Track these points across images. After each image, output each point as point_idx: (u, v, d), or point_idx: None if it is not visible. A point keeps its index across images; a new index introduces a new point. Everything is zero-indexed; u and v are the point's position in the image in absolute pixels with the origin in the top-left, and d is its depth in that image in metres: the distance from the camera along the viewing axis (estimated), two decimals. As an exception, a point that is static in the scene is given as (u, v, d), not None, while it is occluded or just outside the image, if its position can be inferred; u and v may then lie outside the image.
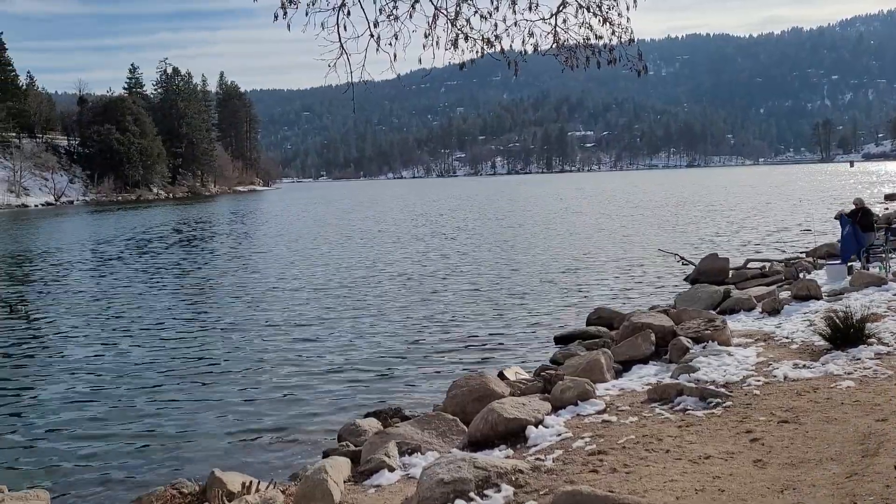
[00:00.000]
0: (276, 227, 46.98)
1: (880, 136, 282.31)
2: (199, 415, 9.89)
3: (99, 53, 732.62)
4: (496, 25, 5.81)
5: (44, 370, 12.49)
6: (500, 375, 9.66)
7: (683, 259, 21.12)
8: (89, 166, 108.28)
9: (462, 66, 5.90)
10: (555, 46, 5.95)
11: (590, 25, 5.81)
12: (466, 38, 5.84)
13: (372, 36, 5.61)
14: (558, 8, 5.80)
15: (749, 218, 39.04)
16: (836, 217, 17.92)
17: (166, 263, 27.64)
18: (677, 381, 7.97)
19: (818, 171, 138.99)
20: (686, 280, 18.61)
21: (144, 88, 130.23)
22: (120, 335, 15.01)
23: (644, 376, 8.97)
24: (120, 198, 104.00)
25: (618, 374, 9.32)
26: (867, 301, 11.59)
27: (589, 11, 5.76)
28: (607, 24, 5.77)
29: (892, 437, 5.77)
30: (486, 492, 5.32)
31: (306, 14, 5.36)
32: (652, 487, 5.28)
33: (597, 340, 11.95)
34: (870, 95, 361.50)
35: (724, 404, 7.15)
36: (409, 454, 6.87)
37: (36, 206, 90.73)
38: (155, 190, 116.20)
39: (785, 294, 13.45)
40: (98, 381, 11.70)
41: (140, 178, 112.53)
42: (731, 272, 18.01)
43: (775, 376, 8.03)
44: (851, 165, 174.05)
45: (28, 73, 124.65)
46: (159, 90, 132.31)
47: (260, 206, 79.16)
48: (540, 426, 7.05)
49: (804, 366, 8.33)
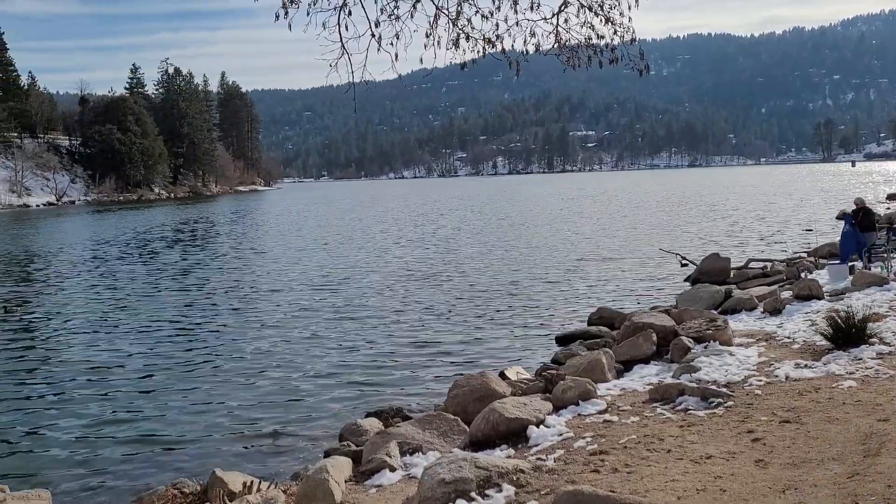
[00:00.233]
0: (277, 227, 47.00)
1: (882, 135, 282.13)
2: (201, 415, 9.90)
3: (99, 53, 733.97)
4: (497, 25, 5.81)
5: (45, 370, 12.50)
6: (502, 375, 9.66)
7: (685, 259, 21.09)
8: (91, 166, 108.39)
9: (463, 65, 5.89)
10: (556, 46, 5.95)
11: (591, 25, 5.81)
12: (468, 38, 5.83)
13: (373, 36, 5.61)
14: (560, 7, 5.80)
15: (751, 218, 39.02)
16: (839, 217, 17.91)
17: (167, 264, 27.66)
18: (679, 381, 7.96)
19: (820, 171, 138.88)
20: (687, 280, 18.59)
21: (146, 88, 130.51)
22: (121, 335, 15.03)
23: (645, 376, 8.97)
24: (121, 198, 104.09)
25: (619, 374, 9.32)
26: (869, 301, 11.58)
27: (591, 11, 5.76)
28: (609, 23, 5.77)
29: (894, 436, 5.76)
30: (487, 491, 5.32)
31: (307, 14, 5.36)
32: (653, 487, 5.27)
33: (598, 340, 11.96)
34: (871, 95, 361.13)
35: (725, 404, 7.14)
36: (411, 454, 6.87)
37: (37, 206, 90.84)
38: (156, 190, 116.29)
39: (786, 294, 13.44)
40: (99, 381, 11.71)
41: (141, 178, 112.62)
42: (733, 272, 17.99)
43: (777, 376, 8.02)
44: (853, 165, 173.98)
45: (30, 73, 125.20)
46: (161, 90, 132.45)
47: (261, 207, 79.20)
48: (541, 426, 7.04)
49: (806, 366, 8.32)
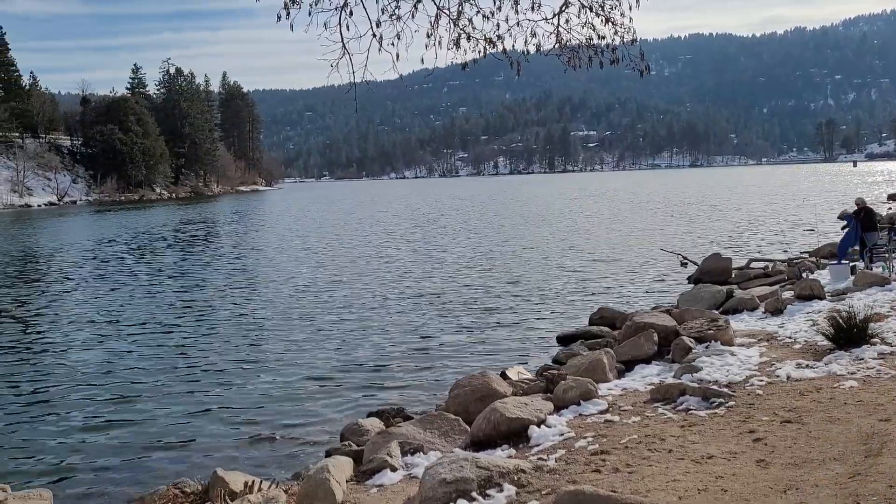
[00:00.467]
0: (278, 227, 47.03)
1: (883, 135, 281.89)
2: (202, 414, 9.91)
3: (100, 53, 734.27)
4: (498, 25, 5.80)
5: (46, 370, 12.51)
6: (503, 375, 9.66)
7: (686, 259, 21.07)
8: (92, 166, 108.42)
9: (464, 66, 5.89)
10: (557, 46, 5.95)
11: (592, 25, 5.81)
12: (469, 38, 5.83)
13: (374, 36, 5.61)
14: (561, 8, 5.80)
15: (752, 218, 38.99)
16: (840, 217, 17.91)
17: (168, 264, 27.68)
18: (680, 381, 7.96)
19: (821, 171, 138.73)
20: (689, 280, 18.59)
21: (147, 88, 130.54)
22: (122, 335, 15.04)
23: (647, 376, 8.97)
24: (123, 198, 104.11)
25: (620, 374, 9.32)
26: (870, 301, 11.58)
27: (591, 11, 5.76)
28: (610, 23, 5.77)
29: (896, 437, 5.76)
30: (488, 491, 5.32)
31: (309, 14, 5.37)
32: (654, 487, 5.28)
33: (599, 340, 11.96)
34: (873, 95, 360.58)
35: (726, 404, 7.14)
36: (412, 454, 6.88)
37: (39, 206, 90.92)
38: (158, 190, 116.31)
39: (788, 294, 13.43)
40: (100, 380, 11.72)
41: (143, 178, 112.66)
42: (734, 272, 17.99)
43: (778, 376, 8.02)
44: (854, 165, 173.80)
45: (31, 73, 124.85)
46: (162, 90, 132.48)
47: (262, 207, 79.22)
48: (542, 426, 7.04)
49: (807, 366, 8.32)
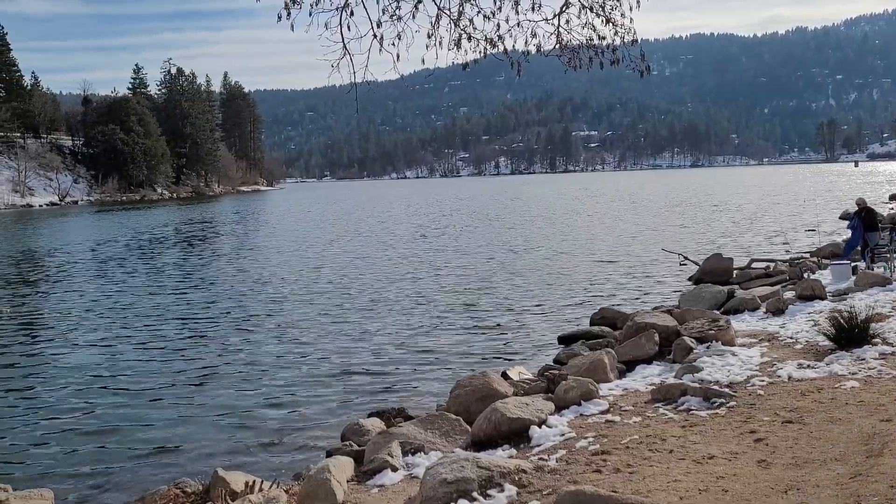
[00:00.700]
0: (279, 227, 47.05)
1: (885, 135, 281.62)
2: (203, 414, 9.91)
3: (101, 53, 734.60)
4: (499, 26, 5.80)
5: (47, 370, 12.52)
6: (504, 375, 9.67)
7: (687, 259, 21.06)
8: (93, 166, 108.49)
9: (465, 66, 5.89)
10: (558, 47, 5.94)
11: (593, 26, 5.81)
12: (469, 39, 5.83)
13: (375, 36, 5.61)
14: (561, 8, 5.80)
15: (753, 218, 38.96)
16: (842, 217, 17.91)
17: (170, 264, 27.70)
18: (681, 381, 7.96)
19: (822, 172, 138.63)
20: (690, 280, 18.58)
21: (148, 89, 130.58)
22: (123, 336, 15.05)
23: (648, 376, 8.96)
24: (124, 198, 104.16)
25: (621, 374, 9.31)
26: (872, 301, 11.58)
27: (592, 12, 5.76)
28: (610, 24, 5.76)
29: (897, 437, 5.76)
30: (489, 491, 5.32)
31: (309, 14, 5.36)
32: (655, 487, 5.27)
33: (600, 340, 11.95)
34: (874, 95, 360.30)
35: (727, 404, 7.13)
36: (413, 454, 6.88)
37: (40, 206, 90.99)
38: (159, 190, 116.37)
39: (789, 294, 13.43)
40: (101, 381, 11.73)
41: (144, 178, 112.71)
42: (736, 272, 17.99)
43: (779, 376, 8.02)
44: (856, 165, 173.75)
45: (33, 73, 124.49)
46: (163, 90, 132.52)
47: (264, 207, 79.24)
48: (543, 426, 7.04)
49: (808, 366, 8.31)
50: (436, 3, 5.61)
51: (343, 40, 5.60)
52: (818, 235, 25.00)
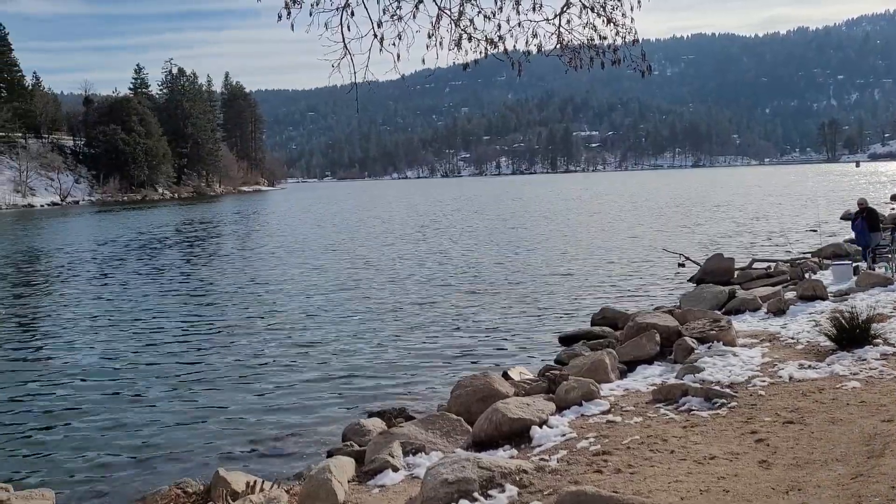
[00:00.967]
0: (280, 227, 47.06)
1: (886, 136, 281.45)
2: (204, 414, 9.92)
3: (103, 53, 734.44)
4: (499, 26, 5.79)
5: (48, 370, 12.53)
6: (505, 375, 9.66)
7: (687, 258, 21.03)
8: (95, 166, 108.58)
9: (466, 66, 5.89)
10: (559, 47, 5.94)
11: (594, 26, 5.80)
12: (470, 39, 5.82)
13: (375, 36, 5.60)
14: (562, 8, 5.79)
15: (755, 218, 38.93)
16: (844, 217, 17.90)
17: (171, 264, 27.72)
18: (682, 382, 7.95)
19: (824, 172, 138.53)
20: (691, 280, 18.57)
21: (150, 89, 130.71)
22: (124, 336, 15.05)
23: (649, 377, 8.96)
24: (125, 198, 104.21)
25: (622, 375, 9.31)
26: (873, 301, 11.58)
27: (593, 12, 5.75)
28: (611, 24, 5.75)
29: (898, 437, 5.75)
30: (490, 492, 5.32)
31: (310, 14, 5.36)
32: (656, 488, 5.27)
33: (601, 341, 11.95)
34: (876, 95, 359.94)
35: (729, 405, 7.13)
36: (414, 454, 6.88)
37: (42, 206, 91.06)
38: (160, 190, 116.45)
39: (790, 294, 13.42)
40: (102, 381, 11.74)
41: (145, 178, 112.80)
42: (737, 272, 17.99)
43: (780, 377, 8.01)
44: (857, 165, 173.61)
45: (34, 73, 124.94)
46: (164, 90, 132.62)
47: (265, 207, 79.27)
48: (544, 426, 7.04)
49: (809, 366, 8.31)
50: (436, 3, 5.61)
51: (344, 40, 5.61)
52: (820, 236, 24.97)
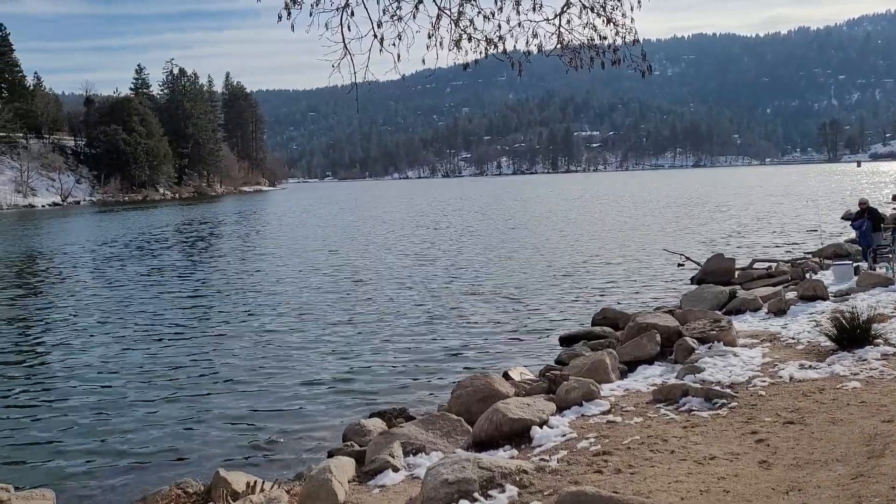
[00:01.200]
0: (281, 228, 47.08)
1: (888, 135, 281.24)
2: (204, 415, 9.92)
3: (104, 54, 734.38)
4: (500, 26, 5.79)
5: (48, 370, 12.54)
6: (505, 376, 9.66)
7: (687, 258, 21.03)
8: (96, 167, 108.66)
9: (466, 66, 5.89)
10: (559, 47, 5.94)
11: (594, 26, 5.80)
12: (470, 39, 5.82)
13: (375, 36, 5.61)
14: (562, 8, 5.79)
15: (756, 218, 38.92)
16: (845, 217, 17.89)
17: (171, 265, 27.73)
18: (682, 382, 7.95)
19: (825, 172, 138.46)
20: (692, 280, 18.56)
21: (151, 89, 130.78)
22: (125, 337, 15.06)
23: (649, 377, 8.96)
24: (126, 198, 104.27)
25: (623, 375, 9.31)
26: (874, 301, 11.57)
27: (593, 12, 5.75)
28: (611, 24, 5.75)
29: (899, 438, 5.74)
30: (490, 492, 5.32)
31: (310, 14, 5.36)
32: (657, 488, 5.27)
33: (602, 341, 11.95)
34: (877, 95, 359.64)
35: (729, 405, 7.13)
36: (414, 454, 6.88)
37: (43, 206, 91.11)
38: (161, 190, 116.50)
39: (791, 294, 13.41)
40: (103, 381, 11.74)
41: (146, 178, 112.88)
42: (737, 272, 17.98)
43: (781, 377, 8.01)
44: (858, 165, 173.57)
45: (35, 73, 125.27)
46: (165, 91, 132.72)
47: (266, 207, 79.30)
48: (545, 426, 7.04)
49: (810, 366, 8.30)
50: (436, 4, 5.61)
51: (344, 40, 5.61)
52: (820, 236, 24.96)
